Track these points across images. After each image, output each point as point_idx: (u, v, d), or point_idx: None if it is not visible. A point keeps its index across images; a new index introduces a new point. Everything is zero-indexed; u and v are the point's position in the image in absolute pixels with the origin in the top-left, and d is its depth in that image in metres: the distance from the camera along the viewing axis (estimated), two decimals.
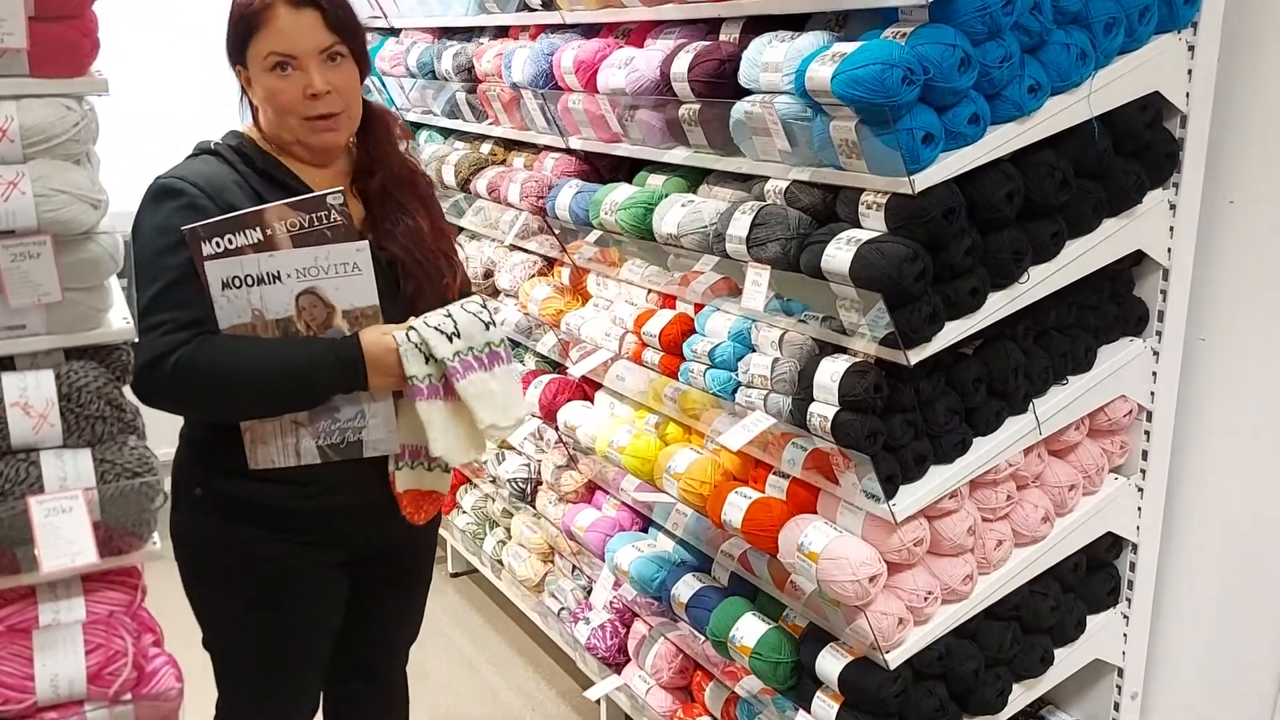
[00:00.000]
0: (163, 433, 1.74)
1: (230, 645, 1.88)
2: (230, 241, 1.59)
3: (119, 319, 1.33)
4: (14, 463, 1.28)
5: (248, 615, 1.83)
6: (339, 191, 1.64)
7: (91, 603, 1.38)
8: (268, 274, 1.61)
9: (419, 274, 1.77)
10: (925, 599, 1.97)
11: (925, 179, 1.74)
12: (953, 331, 1.85)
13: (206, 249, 1.59)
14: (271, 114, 1.71)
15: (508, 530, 3.39)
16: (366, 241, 1.65)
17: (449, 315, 1.69)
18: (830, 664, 2.04)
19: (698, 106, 2.14)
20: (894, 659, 1.95)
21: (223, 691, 1.92)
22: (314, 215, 1.62)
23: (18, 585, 1.34)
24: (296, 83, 1.67)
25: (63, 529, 1.25)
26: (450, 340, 1.67)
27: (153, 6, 3.87)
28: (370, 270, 1.65)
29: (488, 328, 1.71)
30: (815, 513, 2.08)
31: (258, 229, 1.61)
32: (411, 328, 1.66)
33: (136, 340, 1.35)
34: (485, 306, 1.74)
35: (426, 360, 1.65)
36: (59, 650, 1.33)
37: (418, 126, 3.58)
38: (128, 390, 1.48)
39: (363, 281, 1.66)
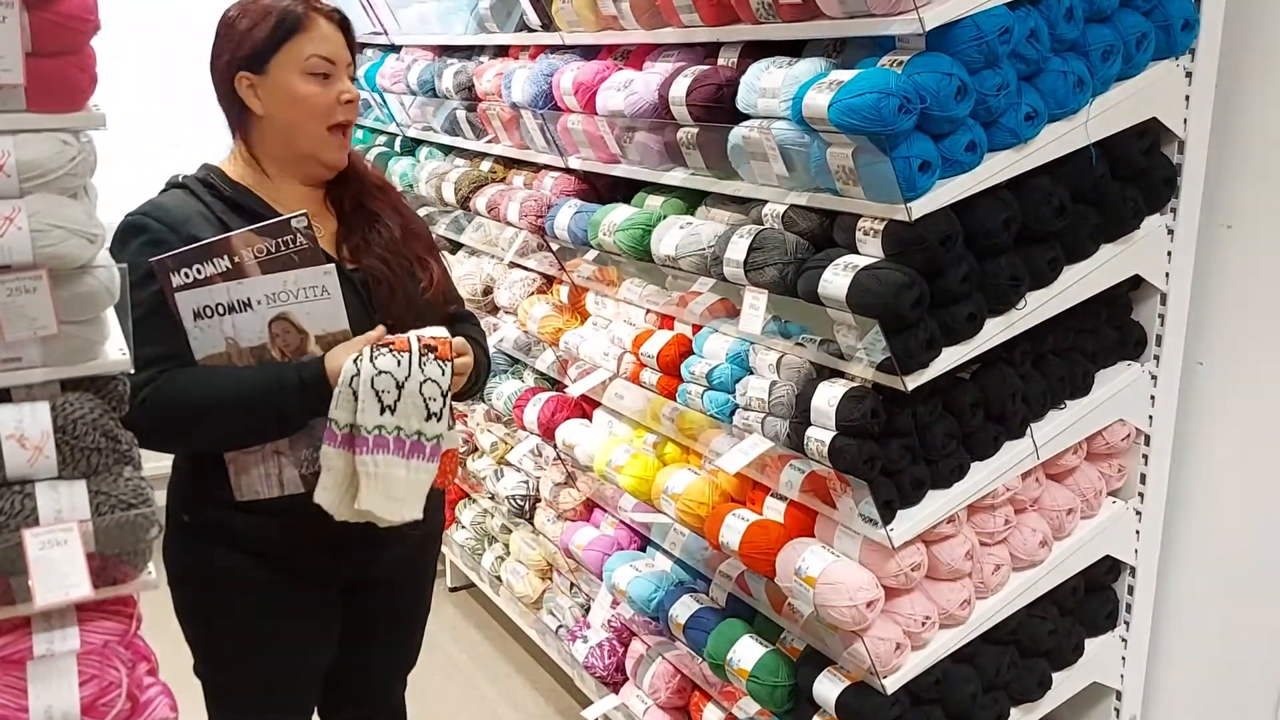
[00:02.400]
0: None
1: (221, 673, 1.87)
2: (199, 271, 1.58)
3: (115, 350, 1.33)
4: (9, 495, 1.28)
5: (238, 643, 1.82)
6: (303, 214, 1.62)
7: (86, 633, 1.37)
8: (238, 302, 1.60)
9: (392, 281, 1.76)
10: (923, 624, 1.97)
11: (922, 206, 1.74)
12: (950, 357, 1.85)
13: (176, 280, 1.58)
14: (292, 120, 1.71)
15: (506, 546, 3.39)
16: (333, 265, 1.64)
17: (399, 385, 1.55)
18: (828, 688, 2.04)
19: (696, 130, 2.14)
20: (891, 684, 1.95)
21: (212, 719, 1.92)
22: (280, 240, 1.60)
23: (12, 616, 1.33)
24: (332, 87, 1.72)
25: (58, 562, 1.25)
26: (382, 411, 1.54)
27: (153, 34, 3.90)
28: (338, 293, 1.63)
29: (429, 418, 1.58)
30: (813, 535, 2.08)
31: (225, 257, 1.59)
32: (357, 374, 1.55)
33: (131, 371, 1.35)
34: (445, 394, 1.59)
35: (353, 413, 1.55)
36: (53, 681, 1.33)
37: (418, 143, 3.59)
38: None
39: (332, 305, 1.63)
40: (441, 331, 1.68)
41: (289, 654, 1.85)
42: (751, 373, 2.17)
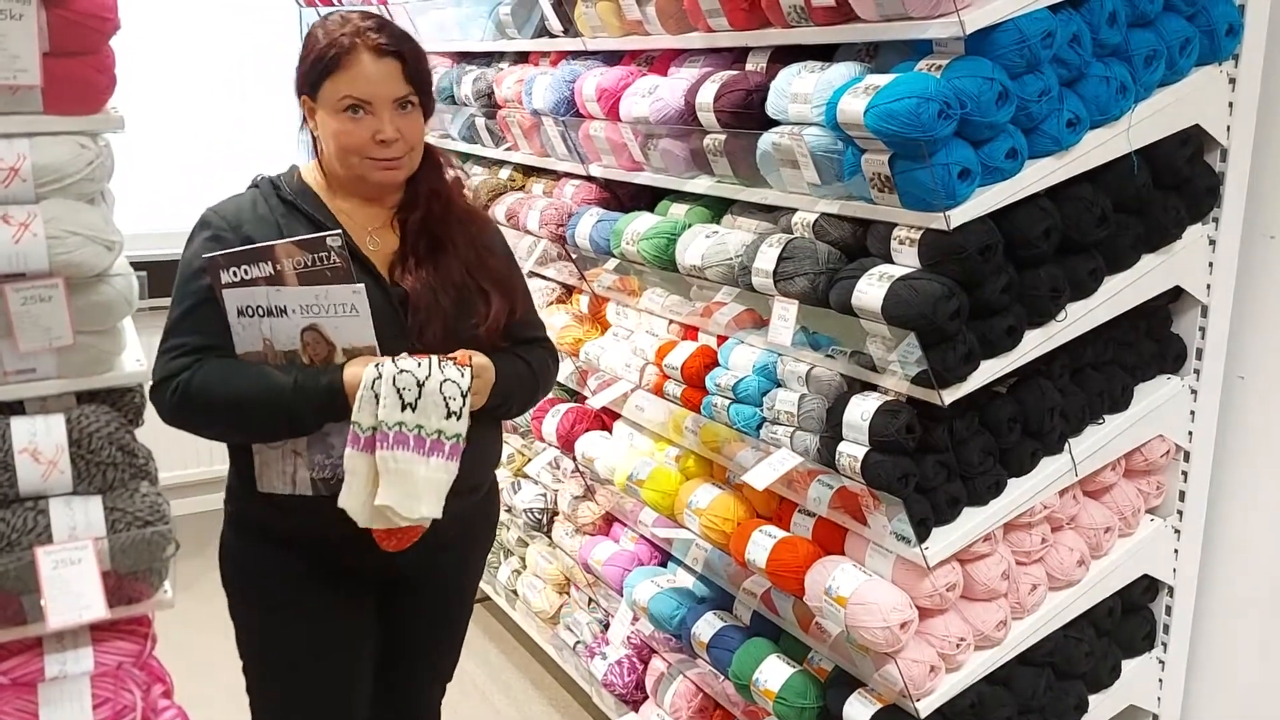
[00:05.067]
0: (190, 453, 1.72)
1: (255, 666, 1.86)
2: (245, 273, 1.62)
3: (131, 361, 1.29)
4: (22, 511, 1.24)
5: (269, 634, 1.82)
6: (338, 234, 1.64)
7: (100, 653, 1.33)
8: (276, 307, 1.64)
9: (431, 309, 1.74)
10: (957, 645, 1.91)
11: (961, 214, 1.70)
12: (988, 371, 1.79)
13: (225, 277, 1.62)
14: (334, 149, 1.72)
15: (522, 560, 3.33)
16: (363, 286, 1.64)
17: (420, 384, 1.60)
18: (858, 711, 1.98)
19: (723, 137, 2.09)
20: (925, 707, 1.89)
21: (253, 715, 1.90)
22: (315, 255, 1.63)
23: (23, 636, 1.29)
24: (367, 126, 1.68)
25: (71, 582, 1.21)
26: (403, 409, 1.58)
27: (175, 38, 3.90)
28: (367, 312, 1.64)
29: (448, 416, 1.61)
30: (842, 553, 2.02)
31: (269, 263, 1.62)
32: (379, 376, 1.59)
33: (151, 380, 1.32)
34: (465, 395, 1.63)
35: (375, 413, 1.59)
36: (66, 705, 1.29)
37: None
38: (140, 434, 1.46)
39: (360, 323, 1.65)
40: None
41: (314, 648, 1.81)
42: (779, 385, 2.11)
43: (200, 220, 1.72)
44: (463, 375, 1.64)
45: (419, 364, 1.62)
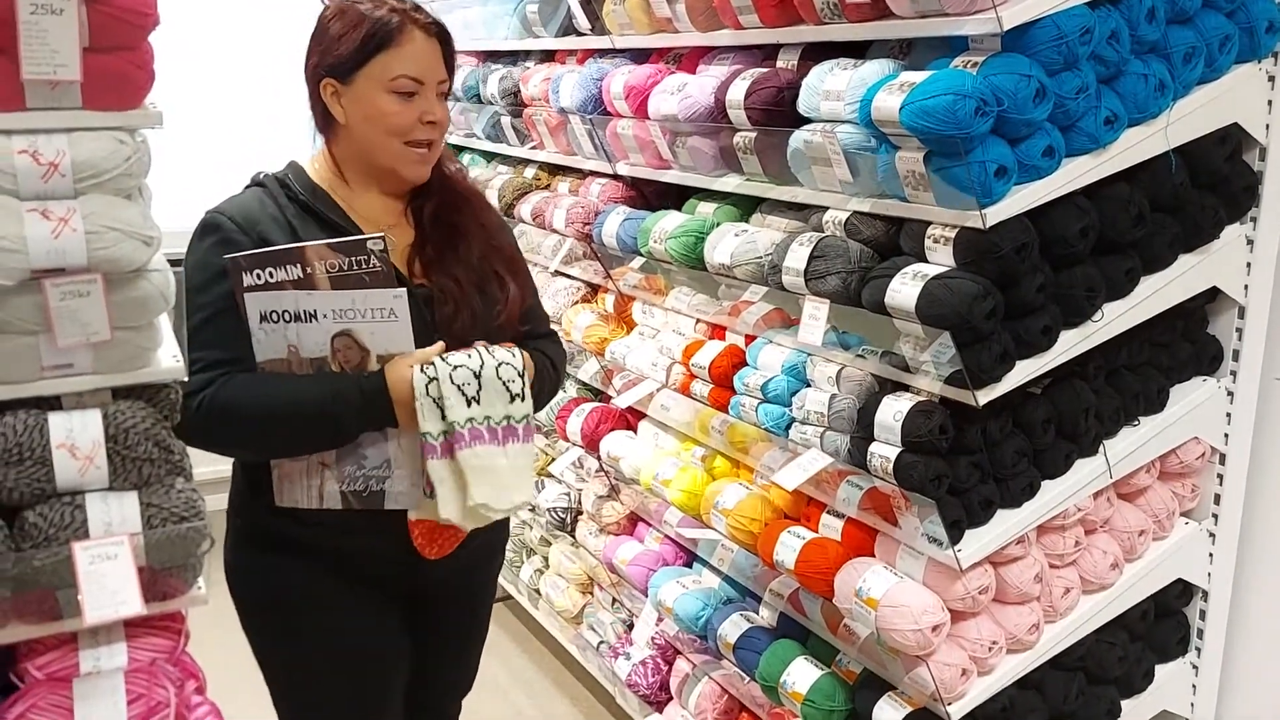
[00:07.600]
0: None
1: (276, 680, 1.83)
2: (271, 275, 1.56)
3: (168, 357, 1.29)
4: (59, 506, 1.23)
5: (294, 655, 1.79)
6: (380, 237, 1.58)
7: (134, 649, 1.33)
8: (305, 312, 1.57)
9: (459, 299, 1.70)
10: (989, 649, 1.89)
11: (997, 213, 1.68)
12: (1023, 371, 1.78)
13: (247, 280, 1.56)
14: (370, 135, 1.65)
15: (545, 559, 3.33)
16: (404, 290, 1.59)
17: (477, 375, 1.57)
18: (888, 714, 1.96)
19: (753, 134, 2.08)
20: (956, 711, 1.88)
21: None
22: (353, 259, 1.57)
23: (59, 632, 1.29)
24: (415, 107, 1.65)
25: (108, 577, 1.20)
26: (468, 404, 1.56)
27: (209, 34, 3.92)
28: (407, 317, 1.58)
29: (512, 400, 1.60)
30: (872, 554, 2.00)
31: (298, 266, 1.56)
32: (433, 378, 1.55)
33: (186, 379, 1.31)
34: (522, 375, 1.63)
35: (442, 417, 1.56)
36: (100, 700, 1.28)
37: (460, 149, 3.55)
38: None
39: (399, 328, 1.59)
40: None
41: (333, 660, 1.78)
42: (809, 385, 2.10)
43: (204, 223, 1.63)
44: (514, 356, 1.63)
45: (469, 355, 1.59)
